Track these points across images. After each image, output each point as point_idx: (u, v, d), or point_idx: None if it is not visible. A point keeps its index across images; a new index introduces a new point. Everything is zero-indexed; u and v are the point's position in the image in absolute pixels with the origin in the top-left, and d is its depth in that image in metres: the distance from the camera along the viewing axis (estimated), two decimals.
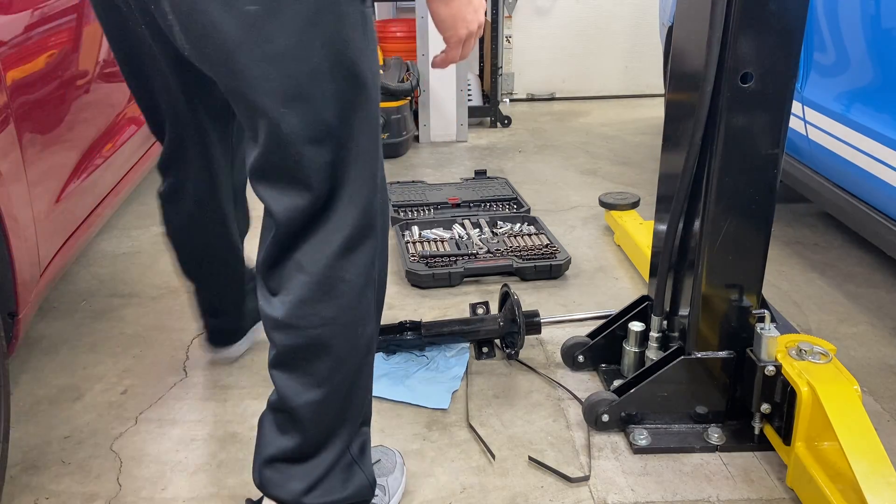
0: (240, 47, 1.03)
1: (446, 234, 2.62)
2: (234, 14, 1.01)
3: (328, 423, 1.21)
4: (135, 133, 2.38)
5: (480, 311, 2.02)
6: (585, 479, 1.51)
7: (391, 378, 1.84)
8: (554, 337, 2.03)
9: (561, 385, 1.82)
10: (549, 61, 5.06)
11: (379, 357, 1.93)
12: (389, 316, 2.17)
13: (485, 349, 1.96)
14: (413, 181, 3.24)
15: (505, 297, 1.96)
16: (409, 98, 3.83)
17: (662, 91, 3.58)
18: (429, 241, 2.58)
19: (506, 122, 4.41)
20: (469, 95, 4.20)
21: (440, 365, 1.89)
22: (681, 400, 1.62)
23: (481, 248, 2.50)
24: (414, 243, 2.55)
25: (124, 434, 1.68)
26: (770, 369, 1.49)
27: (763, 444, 1.57)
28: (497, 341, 1.98)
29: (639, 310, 1.81)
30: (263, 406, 1.75)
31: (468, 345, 1.98)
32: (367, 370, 1.24)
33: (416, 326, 1.91)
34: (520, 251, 2.48)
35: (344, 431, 1.23)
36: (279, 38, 1.03)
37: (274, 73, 1.04)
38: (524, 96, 5.14)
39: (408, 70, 3.85)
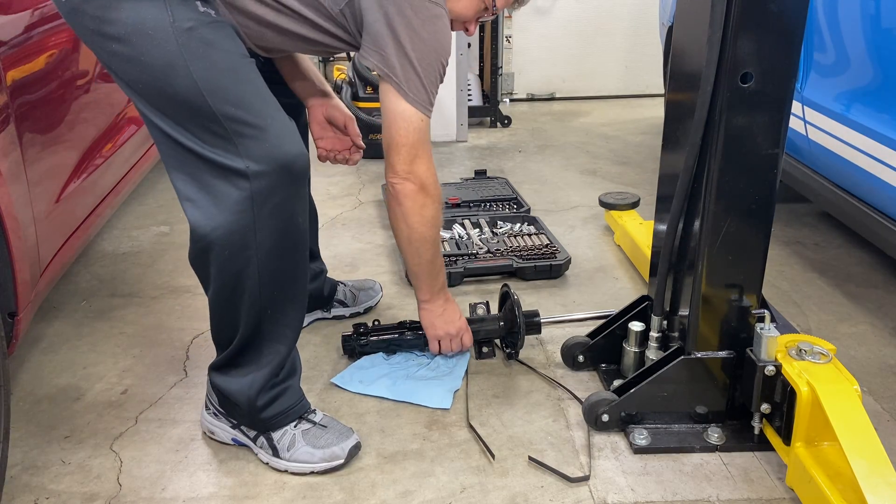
0: None
1: (446, 234, 2.62)
2: None
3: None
4: (135, 133, 2.38)
5: (480, 310, 2.03)
6: (585, 478, 1.51)
7: (392, 378, 1.84)
8: (554, 337, 2.03)
9: (561, 385, 1.82)
10: (549, 61, 5.06)
11: (379, 357, 1.93)
12: (389, 316, 2.17)
13: (485, 349, 1.96)
14: None
15: (505, 297, 1.96)
16: None
17: (662, 91, 3.58)
18: None
19: (506, 122, 4.41)
20: (469, 95, 4.20)
21: (441, 365, 1.89)
22: (681, 400, 1.62)
23: (481, 248, 2.50)
24: None
25: (124, 434, 1.68)
26: (770, 369, 1.49)
27: (763, 444, 1.57)
28: (497, 341, 1.98)
29: (639, 310, 1.81)
30: None
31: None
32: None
33: (416, 326, 1.91)
34: (520, 251, 2.48)
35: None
36: None
37: None
38: (524, 96, 5.14)
39: None
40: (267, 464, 1.56)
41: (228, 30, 1.42)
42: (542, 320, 1.94)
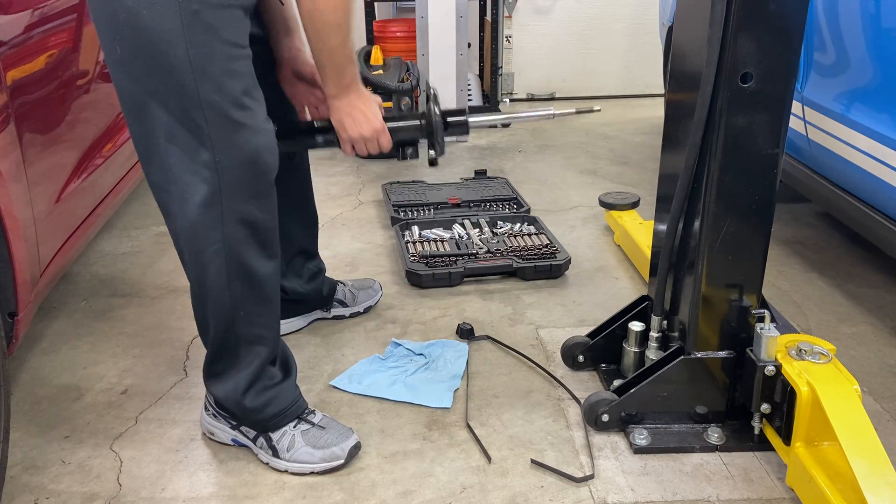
0: None
1: (446, 234, 2.62)
2: None
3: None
4: None
5: (405, 106, 1.83)
6: (590, 478, 1.51)
7: (391, 379, 1.84)
8: (554, 337, 2.03)
9: (560, 383, 1.82)
10: (549, 61, 5.05)
11: (376, 358, 1.93)
12: (389, 316, 2.17)
13: (409, 150, 1.78)
14: (413, 181, 3.24)
15: (427, 97, 1.77)
16: (409, 98, 3.82)
17: (662, 91, 3.59)
18: (429, 241, 2.58)
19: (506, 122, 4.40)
20: (469, 95, 4.20)
21: (439, 365, 1.89)
22: (681, 400, 1.62)
23: (481, 248, 2.50)
24: (414, 243, 2.55)
25: (124, 434, 1.68)
26: (770, 369, 1.49)
27: (763, 444, 1.57)
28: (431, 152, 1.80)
29: (639, 310, 1.81)
30: None
31: (467, 346, 1.98)
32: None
33: (329, 128, 1.72)
34: (520, 251, 2.48)
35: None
36: None
37: None
38: (524, 96, 5.13)
39: (408, 70, 3.85)
40: (267, 464, 1.56)
41: (234, 13, 1.39)
42: (471, 119, 1.73)
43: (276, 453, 1.55)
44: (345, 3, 1.51)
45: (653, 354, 1.71)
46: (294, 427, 1.56)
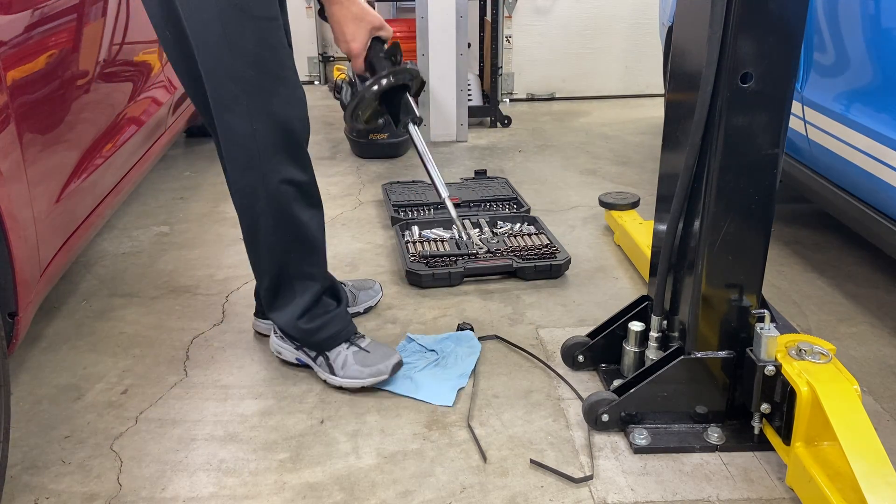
0: None
1: (446, 234, 2.62)
2: None
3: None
4: (135, 133, 2.38)
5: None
6: (589, 478, 1.51)
7: (400, 373, 1.84)
8: (554, 337, 2.03)
9: (566, 381, 1.82)
10: (549, 61, 5.05)
11: None
12: (389, 316, 2.17)
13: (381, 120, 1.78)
14: (413, 181, 3.24)
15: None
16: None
17: (662, 91, 3.59)
18: (429, 241, 2.58)
19: (506, 122, 4.41)
20: (469, 95, 4.20)
21: (449, 362, 1.89)
22: (681, 400, 1.62)
23: (481, 248, 2.50)
24: (414, 243, 2.55)
25: (124, 434, 1.68)
26: (770, 369, 1.49)
27: (763, 444, 1.57)
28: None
29: (639, 310, 1.81)
30: (264, 406, 1.76)
31: (480, 344, 1.98)
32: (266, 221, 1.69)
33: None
34: (520, 251, 2.48)
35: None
36: None
37: None
38: (524, 96, 5.13)
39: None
40: (325, 381, 1.81)
41: None
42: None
43: (332, 370, 1.80)
44: None
45: (653, 354, 1.71)
46: (347, 348, 1.80)
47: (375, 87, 1.65)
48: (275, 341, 1.89)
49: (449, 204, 1.78)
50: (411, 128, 1.71)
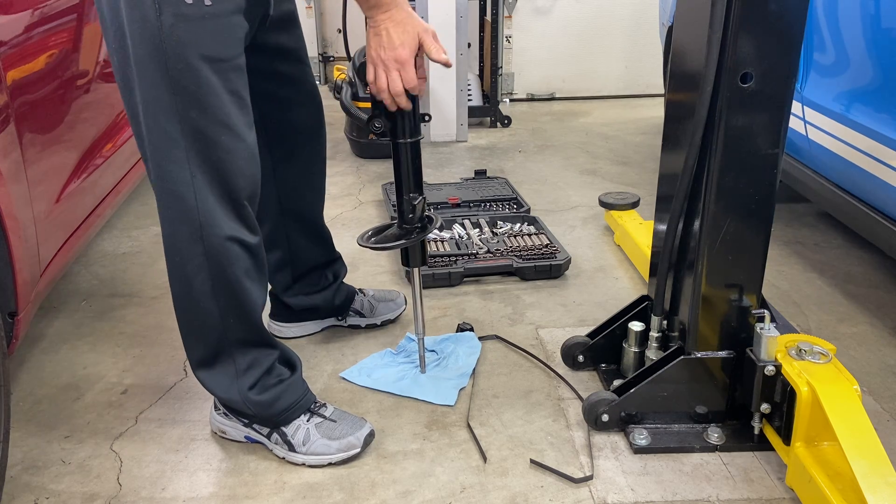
0: None
1: (446, 234, 2.62)
2: None
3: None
4: None
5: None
6: (589, 479, 1.51)
7: (399, 373, 1.84)
8: (554, 337, 2.03)
9: (566, 381, 1.82)
10: (549, 61, 5.05)
11: (388, 352, 1.93)
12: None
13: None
14: None
15: None
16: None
17: (662, 91, 3.58)
18: (428, 241, 2.58)
19: (506, 122, 4.41)
20: (469, 95, 4.20)
21: (450, 362, 1.89)
22: (681, 400, 1.62)
23: (481, 248, 2.50)
24: None
25: (124, 434, 1.68)
26: (770, 369, 1.49)
27: (763, 444, 1.57)
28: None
29: (639, 310, 1.81)
30: None
31: (480, 344, 1.98)
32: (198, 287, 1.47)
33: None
34: (520, 251, 2.48)
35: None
36: None
37: None
38: (524, 96, 5.13)
39: None
40: (283, 458, 1.57)
41: (218, 23, 1.34)
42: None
43: (291, 448, 1.56)
44: None
45: (653, 354, 1.71)
46: (307, 421, 1.58)
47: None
48: (216, 419, 1.64)
49: (421, 345, 1.84)
50: (414, 270, 1.78)
